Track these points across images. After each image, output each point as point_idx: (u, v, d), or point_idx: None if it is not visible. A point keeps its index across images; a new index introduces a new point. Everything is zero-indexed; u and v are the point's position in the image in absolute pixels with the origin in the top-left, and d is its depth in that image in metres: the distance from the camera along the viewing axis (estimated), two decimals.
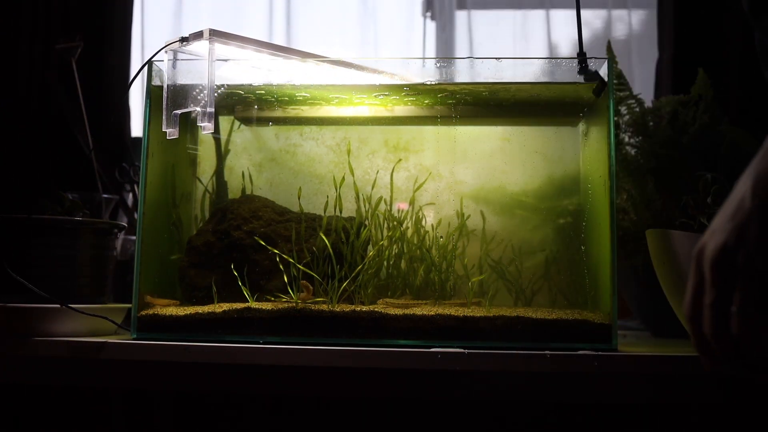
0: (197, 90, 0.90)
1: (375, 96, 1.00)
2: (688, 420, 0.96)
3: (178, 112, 0.91)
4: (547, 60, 1.31)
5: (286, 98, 1.02)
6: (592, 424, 1.05)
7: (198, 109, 0.89)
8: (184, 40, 0.90)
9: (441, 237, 0.97)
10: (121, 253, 1.28)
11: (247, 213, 0.99)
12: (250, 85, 0.99)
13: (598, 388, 0.80)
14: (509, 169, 1.00)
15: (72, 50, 1.38)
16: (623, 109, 1.17)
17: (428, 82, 0.96)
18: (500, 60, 0.92)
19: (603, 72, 0.91)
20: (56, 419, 1.22)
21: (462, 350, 0.79)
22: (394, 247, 0.98)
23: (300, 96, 1.01)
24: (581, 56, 0.90)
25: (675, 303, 0.88)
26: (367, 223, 0.99)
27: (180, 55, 0.93)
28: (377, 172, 1.00)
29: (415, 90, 0.97)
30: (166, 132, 0.92)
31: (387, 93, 0.99)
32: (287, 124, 1.05)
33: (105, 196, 1.34)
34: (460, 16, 1.95)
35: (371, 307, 0.88)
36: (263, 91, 1.01)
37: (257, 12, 1.97)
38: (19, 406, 1.22)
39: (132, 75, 1.74)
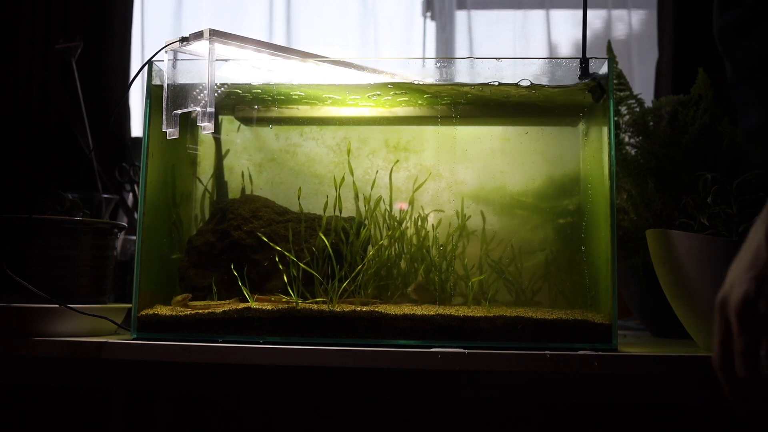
0: (197, 90, 0.90)
1: (375, 96, 1.00)
2: (687, 420, 0.96)
3: (178, 112, 0.91)
4: (547, 60, 1.31)
5: (286, 98, 1.02)
6: (592, 423, 1.05)
7: (198, 109, 0.89)
8: (184, 40, 0.90)
9: (441, 246, 0.97)
10: (121, 253, 1.28)
11: (247, 213, 0.99)
12: (250, 85, 0.99)
13: (598, 388, 0.80)
14: (509, 169, 1.00)
15: (72, 50, 1.38)
16: (623, 109, 1.17)
17: (428, 82, 0.96)
18: (500, 60, 0.92)
19: (603, 72, 0.91)
20: (56, 419, 1.22)
21: (462, 350, 0.79)
22: (394, 246, 0.98)
23: (300, 96, 1.01)
24: (583, 60, 0.89)
25: (675, 303, 0.88)
26: (366, 222, 0.99)
27: (180, 55, 0.93)
28: (377, 172, 1.00)
29: (415, 90, 0.97)
30: (166, 132, 0.92)
31: (386, 93, 0.99)
32: (287, 124, 1.05)
33: (105, 196, 1.34)
34: (460, 16, 1.95)
35: (371, 307, 0.88)
36: (263, 92, 1.00)
37: (257, 12, 1.97)
38: (19, 406, 1.22)
39: (132, 75, 1.74)
